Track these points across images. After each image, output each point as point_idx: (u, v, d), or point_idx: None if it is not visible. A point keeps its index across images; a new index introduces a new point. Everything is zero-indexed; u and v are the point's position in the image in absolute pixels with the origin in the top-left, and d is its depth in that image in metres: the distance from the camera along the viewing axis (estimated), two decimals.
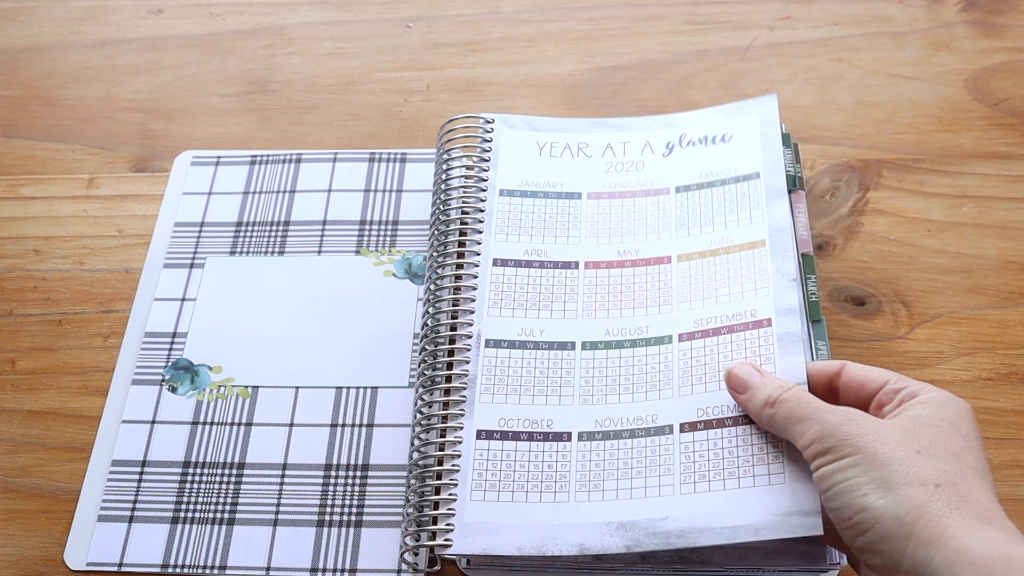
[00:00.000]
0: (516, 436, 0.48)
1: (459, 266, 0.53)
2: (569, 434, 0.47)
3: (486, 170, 0.56)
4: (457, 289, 0.52)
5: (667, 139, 0.56)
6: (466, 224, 0.54)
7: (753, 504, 0.42)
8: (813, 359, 0.47)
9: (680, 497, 0.44)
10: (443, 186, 0.56)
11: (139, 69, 0.67)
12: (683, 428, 0.46)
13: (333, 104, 0.64)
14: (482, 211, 0.54)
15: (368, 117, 0.63)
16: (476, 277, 0.52)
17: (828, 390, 0.44)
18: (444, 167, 0.57)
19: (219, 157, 0.62)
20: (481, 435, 0.48)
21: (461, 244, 0.54)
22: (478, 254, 0.53)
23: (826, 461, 0.38)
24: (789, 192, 0.54)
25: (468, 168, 0.57)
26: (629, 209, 0.55)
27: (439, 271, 0.53)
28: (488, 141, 0.57)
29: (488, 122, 0.58)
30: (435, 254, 0.54)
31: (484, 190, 0.55)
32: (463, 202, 0.55)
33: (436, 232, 0.55)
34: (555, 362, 0.50)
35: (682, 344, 0.49)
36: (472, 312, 0.51)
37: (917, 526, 0.34)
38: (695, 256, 0.52)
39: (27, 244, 0.59)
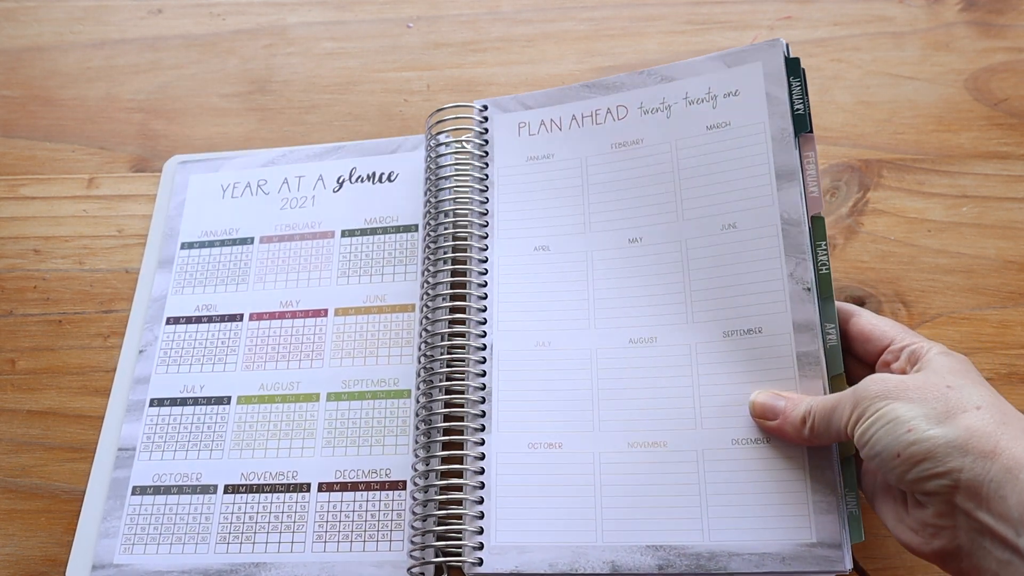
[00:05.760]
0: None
1: (461, 261, 0.51)
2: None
3: (485, 155, 0.54)
4: (460, 286, 0.51)
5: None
6: (465, 216, 0.52)
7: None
8: (823, 344, 0.45)
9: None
10: (434, 177, 0.54)
11: (139, 69, 0.67)
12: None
13: (333, 104, 0.64)
14: (485, 202, 0.53)
15: (368, 117, 0.63)
16: (485, 274, 0.51)
17: (840, 335, 0.46)
18: (436, 159, 0.55)
19: (209, 158, 0.61)
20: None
21: (459, 239, 0.52)
22: (484, 248, 0.51)
23: (863, 420, 0.39)
24: (796, 136, 0.49)
25: (462, 157, 0.55)
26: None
27: (437, 273, 0.51)
28: (484, 132, 0.55)
29: (482, 109, 0.56)
30: (433, 256, 0.52)
31: (485, 178, 0.53)
32: (456, 192, 0.53)
33: (432, 227, 0.52)
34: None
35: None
36: (484, 310, 0.50)
37: (971, 443, 0.36)
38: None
39: (27, 244, 0.59)
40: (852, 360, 0.46)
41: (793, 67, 0.50)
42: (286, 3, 0.69)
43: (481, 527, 0.45)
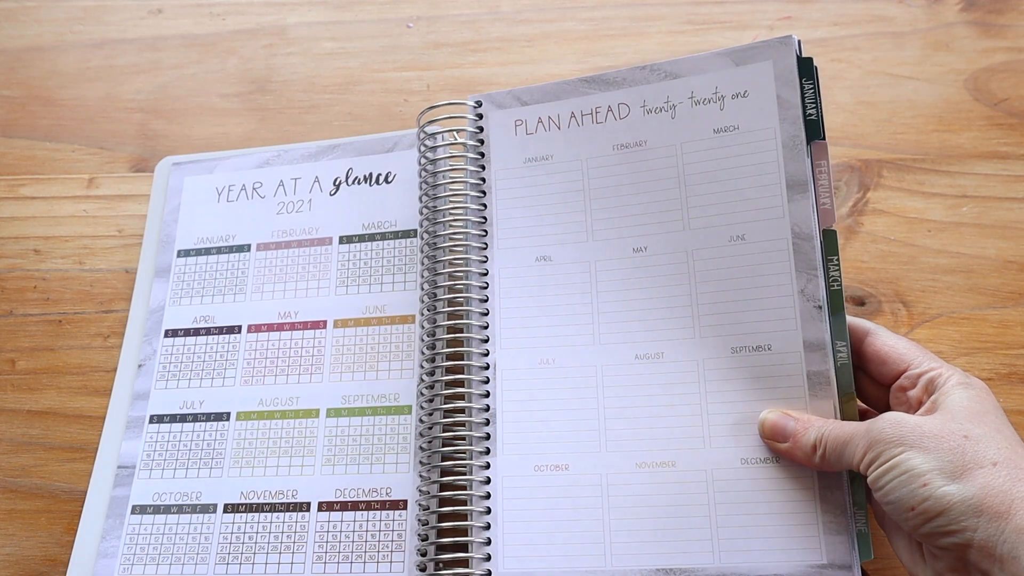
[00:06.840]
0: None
1: (460, 274, 0.50)
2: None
3: (480, 157, 0.52)
4: (461, 302, 0.49)
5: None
6: (463, 226, 0.51)
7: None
8: (834, 364, 0.44)
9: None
10: (430, 182, 0.53)
11: (139, 69, 0.67)
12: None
13: (333, 104, 0.64)
14: (483, 208, 0.51)
15: (368, 117, 0.63)
16: (486, 288, 0.49)
17: (853, 352, 0.45)
18: (432, 163, 0.53)
19: (202, 159, 0.60)
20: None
21: (458, 250, 0.51)
22: (484, 260, 0.50)
23: (879, 463, 0.38)
24: (809, 143, 0.47)
25: (457, 160, 0.53)
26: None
27: (436, 289, 0.50)
28: (479, 132, 0.53)
29: (476, 105, 0.53)
30: (431, 268, 0.50)
31: (482, 182, 0.52)
32: (452, 201, 0.52)
33: (430, 236, 0.51)
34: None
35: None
36: (486, 327, 0.48)
37: (985, 503, 0.36)
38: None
39: (27, 244, 0.59)
40: (866, 379, 0.45)
41: (806, 68, 0.48)
42: (286, 3, 0.69)
43: (488, 553, 0.45)
